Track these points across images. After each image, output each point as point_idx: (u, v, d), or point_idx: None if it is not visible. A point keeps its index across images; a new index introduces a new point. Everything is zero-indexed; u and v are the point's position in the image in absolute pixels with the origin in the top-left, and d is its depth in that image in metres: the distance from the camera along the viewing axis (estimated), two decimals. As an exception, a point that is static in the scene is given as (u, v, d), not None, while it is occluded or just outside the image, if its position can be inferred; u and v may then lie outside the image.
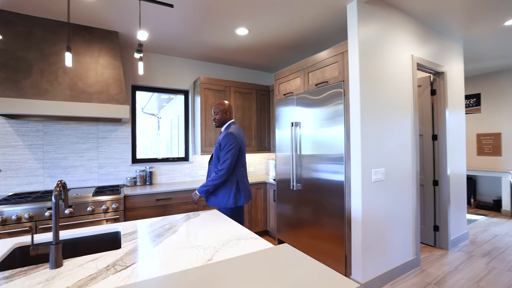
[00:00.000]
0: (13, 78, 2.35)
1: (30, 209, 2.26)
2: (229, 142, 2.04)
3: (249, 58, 3.66)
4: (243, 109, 3.68)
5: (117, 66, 2.78)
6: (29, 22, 2.51)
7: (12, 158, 2.74)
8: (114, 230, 1.54)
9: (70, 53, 1.55)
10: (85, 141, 3.03)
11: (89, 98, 2.57)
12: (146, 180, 3.24)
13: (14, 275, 0.97)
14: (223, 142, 2.06)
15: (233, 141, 2.06)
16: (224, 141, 2.06)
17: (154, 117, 6.36)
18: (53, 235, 1.04)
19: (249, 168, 4.04)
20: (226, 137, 2.07)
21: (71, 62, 1.58)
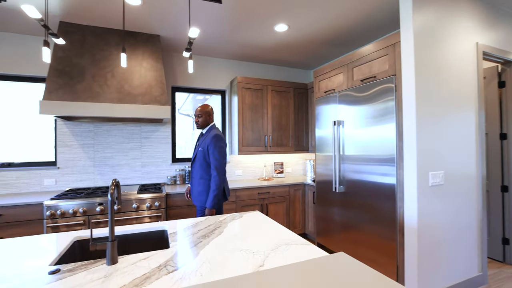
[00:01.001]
0: (69, 83, 2.56)
1: (84, 204, 2.44)
2: (219, 143, 2.16)
3: (287, 56, 3.59)
4: (280, 108, 3.62)
5: (159, 68, 2.90)
6: (84, 30, 2.72)
7: (68, 156, 3.01)
8: (160, 228, 1.58)
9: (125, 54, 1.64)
10: (130, 141, 3.21)
11: (134, 99, 2.71)
12: (185, 179, 3.34)
13: (76, 269, 1.03)
14: (213, 144, 2.15)
15: (223, 142, 2.21)
16: (214, 142, 2.15)
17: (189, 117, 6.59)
18: (109, 232, 1.08)
19: (286, 168, 3.97)
20: (215, 138, 2.17)
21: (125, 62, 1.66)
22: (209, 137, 2.18)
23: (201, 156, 2.21)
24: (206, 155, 2.18)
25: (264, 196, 3.17)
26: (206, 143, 2.18)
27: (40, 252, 1.20)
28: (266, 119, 3.53)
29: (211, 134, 2.19)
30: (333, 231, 2.79)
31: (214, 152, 2.14)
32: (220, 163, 2.14)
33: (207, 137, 2.20)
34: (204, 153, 2.19)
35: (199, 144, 2.27)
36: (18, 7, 2.33)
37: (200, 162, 2.22)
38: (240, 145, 3.36)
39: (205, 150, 2.19)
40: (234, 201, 3.02)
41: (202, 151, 2.20)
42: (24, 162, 2.97)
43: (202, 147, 2.21)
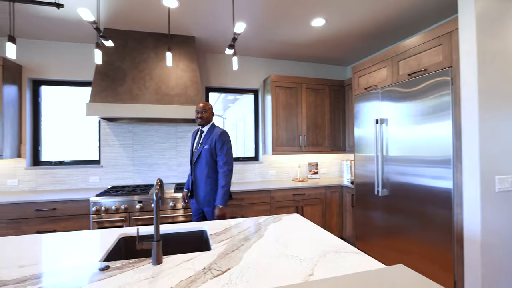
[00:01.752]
0: (112, 86, 2.70)
1: (125, 201, 2.55)
2: (227, 139, 2.19)
3: (322, 52, 3.46)
4: (315, 106, 3.50)
5: (194, 69, 2.94)
6: (125, 35, 2.85)
7: (110, 155, 3.18)
8: (199, 228, 1.58)
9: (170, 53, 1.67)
10: (166, 140, 3.31)
11: (171, 100, 2.78)
12: (219, 179, 3.35)
13: (124, 266, 1.04)
14: (220, 141, 2.16)
15: (229, 138, 2.23)
16: (222, 139, 2.17)
17: (219, 118, 6.65)
18: (154, 232, 1.08)
19: (321, 169, 3.83)
20: (223, 134, 2.19)
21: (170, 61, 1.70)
22: (216, 134, 2.18)
23: (207, 154, 2.17)
24: (213, 152, 2.17)
25: (299, 198, 3.08)
26: (213, 139, 2.17)
27: (90, 248, 1.25)
28: (301, 118, 3.43)
29: (216, 131, 2.20)
30: (374, 237, 2.62)
31: (223, 148, 2.15)
32: (229, 159, 2.16)
33: (212, 134, 2.20)
34: (211, 150, 2.17)
35: (203, 142, 2.21)
36: (70, 17, 2.50)
37: (206, 160, 2.17)
38: (273, 145, 3.30)
39: (212, 147, 2.17)
40: (268, 202, 2.97)
41: (209, 148, 2.17)
42: (73, 161, 3.20)
43: (209, 144, 2.18)
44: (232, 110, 7.16)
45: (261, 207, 2.96)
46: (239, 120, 6.88)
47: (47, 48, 3.07)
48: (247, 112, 5.88)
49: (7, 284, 0.93)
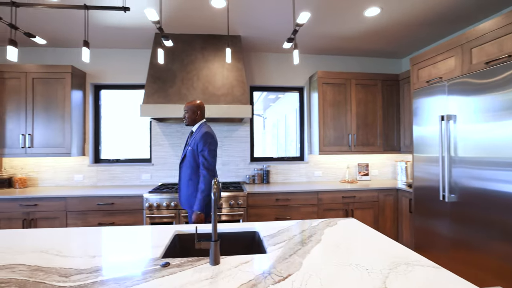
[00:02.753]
0: (163, 87, 2.84)
1: (175, 199, 2.66)
2: (209, 140, 2.04)
3: (375, 44, 3.22)
4: (365, 103, 3.27)
5: (240, 68, 2.96)
6: (174, 38, 2.99)
7: (161, 154, 3.36)
8: (251, 229, 1.55)
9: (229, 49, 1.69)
10: (212, 140, 3.38)
11: (217, 100, 2.82)
12: (263, 179, 3.33)
13: (183, 264, 1.06)
14: (202, 142, 2.03)
15: (213, 140, 2.07)
16: (203, 139, 2.03)
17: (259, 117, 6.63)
18: (212, 232, 1.07)
19: (372, 170, 3.58)
20: (205, 136, 2.04)
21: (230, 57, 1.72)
22: (199, 134, 2.07)
23: (190, 155, 2.08)
24: (195, 154, 2.07)
25: (349, 201, 2.91)
26: (196, 141, 2.06)
27: (149, 243, 1.29)
28: (350, 116, 3.24)
29: (201, 131, 2.08)
30: (437, 247, 2.34)
31: (204, 150, 2.02)
32: (210, 163, 2.03)
33: (196, 135, 2.09)
34: (194, 152, 2.07)
35: (189, 142, 2.13)
36: (128, 25, 2.69)
37: (189, 162, 2.08)
38: (320, 145, 3.17)
39: (194, 149, 2.07)
40: (315, 204, 2.86)
41: (192, 150, 2.08)
42: (127, 159, 3.45)
43: (192, 146, 2.08)
44: (273, 109, 7.11)
45: (308, 209, 2.86)
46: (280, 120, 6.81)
47: (106, 55, 3.36)
48: (289, 111, 5.79)
49: (82, 273, 1.00)
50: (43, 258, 1.14)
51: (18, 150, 2.98)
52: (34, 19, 2.54)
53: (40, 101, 3.00)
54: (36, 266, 1.05)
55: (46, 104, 3.01)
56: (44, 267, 1.04)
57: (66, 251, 1.21)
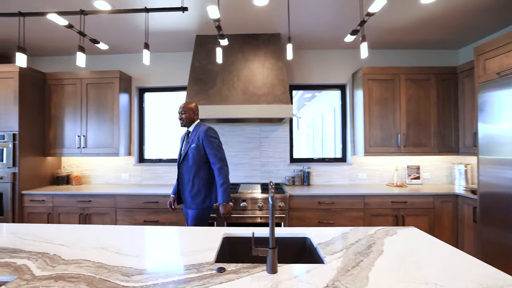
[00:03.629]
0: (204, 88, 2.88)
1: (217, 200, 2.68)
2: (214, 135, 2.11)
3: (429, 34, 2.94)
4: (417, 100, 3.01)
5: (281, 67, 2.89)
6: (214, 40, 3.02)
7: (201, 155, 3.42)
8: (302, 235, 1.48)
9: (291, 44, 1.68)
10: (250, 140, 3.37)
11: (258, 100, 2.79)
12: (303, 180, 3.23)
13: (239, 271, 1.02)
14: (207, 136, 2.06)
15: (217, 134, 2.15)
16: (208, 134, 2.08)
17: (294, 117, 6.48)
18: (270, 238, 1.02)
19: (423, 173, 3.29)
20: (209, 130, 2.10)
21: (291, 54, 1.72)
22: (202, 131, 2.10)
23: (195, 152, 2.07)
24: (201, 150, 2.07)
25: (399, 206, 2.69)
26: (200, 137, 2.08)
27: (200, 245, 1.29)
28: (399, 115, 3.00)
29: (202, 128, 2.12)
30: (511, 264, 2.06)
31: (212, 144, 2.07)
32: (221, 154, 2.10)
33: (198, 132, 2.12)
34: (199, 148, 2.07)
35: (190, 141, 2.12)
36: (171, 29, 2.78)
37: (193, 159, 2.07)
38: (366, 145, 2.98)
39: (199, 145, 2.07)
40: (361, 209, 2.69)
41: (196, 147, 2.07)
42: (169, 159, 3.58)
43: (195, 142, 2.08)
44: (307, 108, 6.93)
45: (353, 214, 2.70)
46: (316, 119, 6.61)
47: (150, 60, 3.51)
48: (326, 110, 5.58)
49: (142, 273, 1.01)
50: (104, 255, 1.18)
51: (74, 150, 3.24)
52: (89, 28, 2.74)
53: (92, 104, 3.23)
54: (99, 263, 1.09)
55: (98, 107, 3.22)
56: (107, 265, 1.08)
57: (124, 249, 1.25)
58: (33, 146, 3.17)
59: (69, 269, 1.04)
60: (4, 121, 3.01)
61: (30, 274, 1.00)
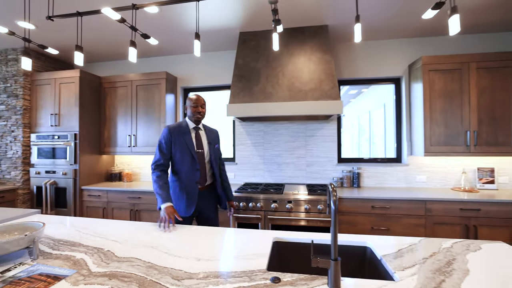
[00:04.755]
0: (248, 86, 2.83)
1: (261, 200, 2.61)
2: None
3: (505, 13, 2.52)
4: (492, 91, 2.59)
5: (328, 60, 2.72)
6: (257, 36, 2.95)
7: (244, 154, 3.39)
8: (361, 243, 1.33)
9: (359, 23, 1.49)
10: (295, 139, 3.24)
11: (304, 96, 2.66)
12: (353, 182, 3.01)
13: (296, 283, 0.92)
14: (218, 138, 2.15)
15: None
16: (219, 136, 2.17)
17: (338, 114, 6.11)
18: (332, 248, 0.90)
19: (499, 177, 2.83)
20: (217, 132, 2.17)
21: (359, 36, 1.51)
22: (216, 131, 2.16)
23: (217, 153, 2.10)
24: (216, 150, 2.10)
25: (470, 214, 2.34)
26: (217, 137, 2.14)
27: (249, 250, 1.21)
28: (468, 109, 2.62)
29: (211, 128, 2.12)
30: None
31: (220, 147, 2.17)
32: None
33: (212, 132, 2.10)
34: (215, 149, 2.07)
35: (210, 141, 2.02)
36: (214, 28, 2.78)
37: (215, 160, 2.03)
38: (426, 144, 2.66)
39: (216, 146, 2.09)
40: (422, 216, 2.40)
41: (218, 147, 2.13)
42: (213, 158, 3.61)
43: (217, 143, 2.12)
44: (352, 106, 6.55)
45: (412, 221, 2.42)
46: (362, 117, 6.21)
47: (193, 59, 3.59)
48: (374, 107, 5.18)
49: (192, 278, 0.97)
50: (154, 255, 1.17)
51: (125, 148, 3.45)
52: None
53: (141, 105, 3.40)
54: (150, 263, 1.08)
55: (146, 108, 3.38)
56: (157, 265, 1.06)
57: (173, 250, 1.23)
58: (91, 145, 3.44)
59: (121, 267, 1.05)
60: (67, 122, 3.32)
61: (87, 269, 1.03)
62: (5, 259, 1.11)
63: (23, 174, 3.41)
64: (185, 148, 1.89)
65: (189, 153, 1.89)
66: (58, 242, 1.33)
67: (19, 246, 1.10)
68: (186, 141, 1.90)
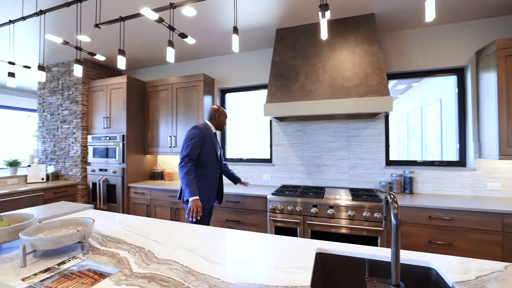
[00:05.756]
0: (286, 84, 2.69)
1: (300, 203, 2.44)
2: None
3: None
4: None
5: (376, 52, 2.45)
6: (295, 32, 2.80)
7: (281, 155, 3.25)
8: (422, 264, 1.10)
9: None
10: (336, 139, 3.01)
11: (348, 93, 2.43)
12: (404, 188, 2.68)
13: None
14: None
15: None
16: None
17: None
18: (393, 271, 0.73)
19: None
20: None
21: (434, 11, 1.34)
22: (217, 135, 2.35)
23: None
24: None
25: None
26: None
27: (289, 260, 1.07)
28: (557, 102, 2.13)
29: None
30: None
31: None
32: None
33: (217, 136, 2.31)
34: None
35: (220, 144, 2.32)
36: (249, 27, 2.70)
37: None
38: (502, 145, 2.23)
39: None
40: (498, 232, 1.99)
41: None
42: (249, 159, 3.54)
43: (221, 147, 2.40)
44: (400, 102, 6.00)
45: (483, 237, 2.03)
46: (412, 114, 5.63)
47: (230, 60, 3.56)
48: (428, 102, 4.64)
49: None
50: (192, 258, 1.13)
51: (166, 149, 3.55)
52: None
53: (181, 107, 3.47)
54: (187, 268, 1.04)
55: (185, 110, 3.44)
56: (195, 271, 1.01)
57: (210, 254, 1.17)
58: (136, 145, 3.61)
59: (160, 269, 1.03)
60: (116, 124, 3.52)
61: (129, 269, 1.04)
62: (61, 251, 1.20)
63: (82, 171, 3.71)
64: (212, 148, 2.14)
65: (214, 152, 2.16)
66: (106, 238, 1.38)
67: (72, 241, 1.17)
68: (212, 141, 2.16)
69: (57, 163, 3.91)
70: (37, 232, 1.27)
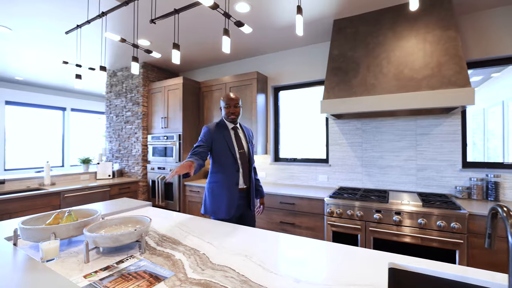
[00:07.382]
0: (345, 79, 2.59)
1: (361, 208, 2.34)
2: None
3: None
4: None
5: (452, 37, 2.21)
6: (354, 22, 2.66)
7: (339, 154, 3.15)
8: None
9: None
10: (401, 138, 2.79)
11: (417, 86, 2.23)
12: (487, 194, 2.37)
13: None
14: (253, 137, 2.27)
15: None
16: (253, 135, 2.27)
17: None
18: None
19: None
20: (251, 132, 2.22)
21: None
22: (249, 129, 2.19)
23: (251, 151, 2.07)
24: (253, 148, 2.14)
25: None
26: (251, 135, 2.18)
27: (357, 275, 1.04)
28: None
29: (245, 127, 2.14)
30: None
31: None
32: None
33: (247, 130, 2.15)
34: (253, 146, 2.17)
35: (248, 139, 2.07)
36: (306, 19, 2.67)
37: (252, 158, 2.06)
38: None
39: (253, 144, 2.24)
40: None
41: (253, 145, 2.22)
42: (304, 159, 3.50)
43: (252, 141, 2.13)
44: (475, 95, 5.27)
45: None
46: (490, 109, 4.92)
47: (283, 57, 3.55)
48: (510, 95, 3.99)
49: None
50: (248, 266, 1.11)
51: (220, 148, 3.72)
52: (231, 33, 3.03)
53: (234, 106, 3.59)
54: (244, 277, 1.02)
55: (239, 109, 3.55)
56: (252, 281, 0.98)
57: (268, 263, 1.14)
58: (191, 145, 3.86)
59: (215, 276, 1.02)
60: (173, 124, 3.81)
61: (183, 273, 1.05)
62: (120, 249, 1.28)
63: (142, 169, 4.11)
64: (225, 147, 1.90)
65: (230, 153, 1.91)
66: (162, 237, 1.45)
67: (130, 239, 1.23)
68: (226, 139, 1.92)
69: (121, 161, 4.40)
70: (99, 228, 1.35)
